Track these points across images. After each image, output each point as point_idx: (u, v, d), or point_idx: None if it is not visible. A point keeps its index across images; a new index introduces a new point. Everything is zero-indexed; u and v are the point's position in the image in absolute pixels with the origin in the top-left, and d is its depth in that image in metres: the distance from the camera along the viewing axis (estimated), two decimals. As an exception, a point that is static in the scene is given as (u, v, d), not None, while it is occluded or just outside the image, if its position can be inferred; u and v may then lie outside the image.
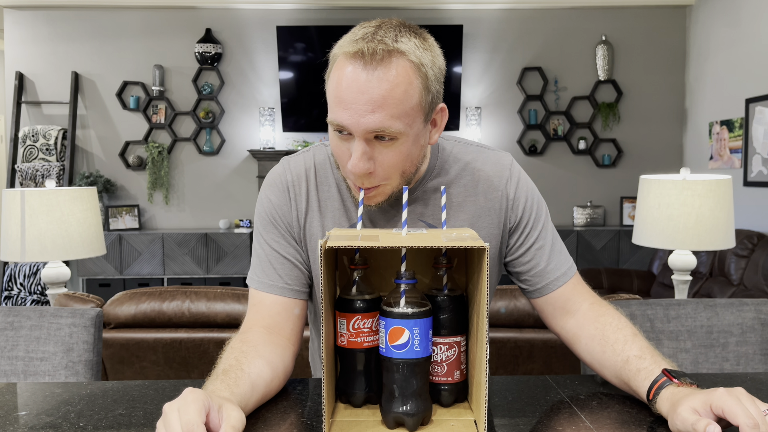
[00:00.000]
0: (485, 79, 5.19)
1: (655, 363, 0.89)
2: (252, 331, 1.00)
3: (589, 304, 1.07)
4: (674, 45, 5.17)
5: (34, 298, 4.76)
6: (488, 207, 1.08)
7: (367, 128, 0.90)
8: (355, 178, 0.95)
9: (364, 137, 0.91)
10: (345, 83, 0.89)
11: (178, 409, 0.70)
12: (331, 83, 0.93)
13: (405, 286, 0.81)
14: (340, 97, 0.90)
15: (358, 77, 0.88)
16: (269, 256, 1.06)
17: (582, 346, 1.04)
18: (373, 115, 0.89)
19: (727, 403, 0.73)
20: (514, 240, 1.10)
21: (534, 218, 1.09)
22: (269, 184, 1.09)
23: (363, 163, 0.92)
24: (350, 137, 0.93)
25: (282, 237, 1.07)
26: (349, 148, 0.94)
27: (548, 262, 1.08)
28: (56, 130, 5.01)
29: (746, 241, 3.76)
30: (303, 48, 5.02)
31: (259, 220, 1.09)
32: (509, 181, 1.09)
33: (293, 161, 1.10)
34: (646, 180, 2.33)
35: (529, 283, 1.10)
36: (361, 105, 0.89)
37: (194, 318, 2.05)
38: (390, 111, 0.89)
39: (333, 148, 0.98)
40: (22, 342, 1.28)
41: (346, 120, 0.90)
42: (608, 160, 5.21)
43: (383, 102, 0.88)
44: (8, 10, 5.04)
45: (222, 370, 0.87)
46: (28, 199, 2.23)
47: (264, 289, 1.05)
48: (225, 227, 5.13)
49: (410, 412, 0.81)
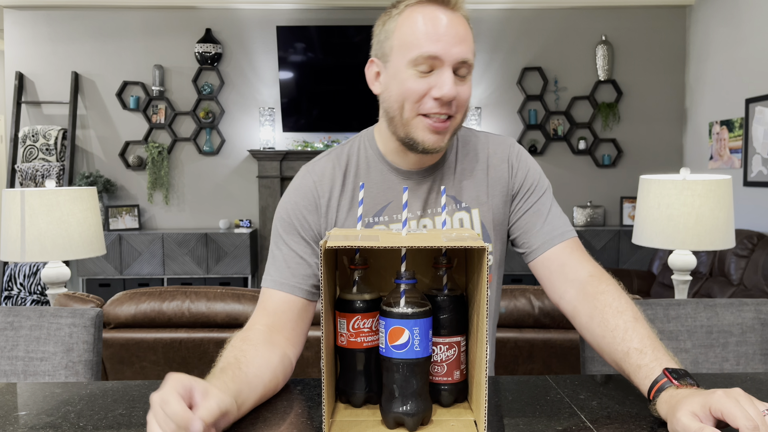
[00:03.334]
0: (485, 79, 5.19)
1: (657, 360, 0.88)
2: (254, 330, 1.01)
3: (588, 274, 1.06)
4: (674, 45, 5.17)
5: (34, 298, 4.76)
6: (497, 177, 1.17)
7: (458, 56, 1.01)
8: (441, 107, 1.03)
9: (453, 66, 1.02)
10: (432, 21, 1.01)
11: (160, 403, 0.72)
12: (409, 27, 1.03)
13: (405, 286, 0.81)
14: (428, 33, 1.01)
15: (443, 16, 1.02)
16: (285, 256, 1.10)
17: (581, 323, 1.03)
18: (461, 47, 1.02)
19: (726, 405, 0.73)
20: (514, 205, 1.18)
21: (536, 186, 1.17)
22: (293, 189, 1.15)
23: (454, 87, 1.02)
24: (431, 73, 1.02)
25: (301, 237, 1.11)
26: (429, 83, 1.02)
27: (544, 224, 1.14)
28: (56, 130, 5.01)
29: (746, 241, 3.76)
30: (303, 48, 5.02)
31: (280, 222, 1.13)
32: (511, 150, 1.19)
33: (313, 166, 1.17)
34: (646, 180, 2.33)
35: (526, 246, 1.15)
36: (451, 37, 1.01)
37: (194, 318, 2.05)
38: (468, 46, 1.03)
39: (408, 89, 1.03)
40: (22, 342, 1.28)
41: (439, 50, 1.00)
42: (608, 160, 5.21)
43: (465, 37, 1.03)
44: (8, 10, 5.04)
45: (220, 368, 0.87)
46: (28, 199, 2.22)
47: (273, 287, 1.07)
48: (225, 227, 5.13)
49: (410, 412, 0.81)
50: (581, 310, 1.03)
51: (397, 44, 1.05)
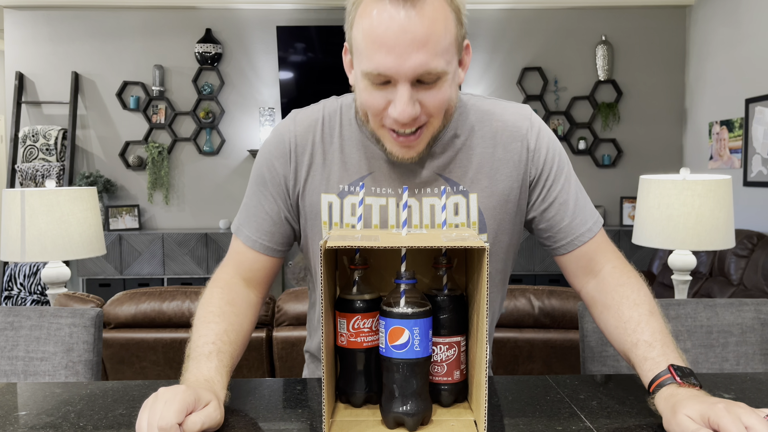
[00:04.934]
0: (485, 79, 5.19)
1: (664, 355, 0.88)
2: (234, 283, 1.05)
3: (611, 266, 1.04)
4: (674, 45, 5.17)
5: (34, 298, 4.76)
6: (507, 158, 1.02)
7: (415, 70, 0.84)
8: (399, 127, 0.90)
9: (409, 81, 0.85)
10: (383, 24, 0.82)
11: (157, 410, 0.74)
12: (361, 29, 0.86)
13: (405, 286, 0.81)
14: (378, 41, 0.83)
15: (397, 15, 0.82)
16: (257, 211, 1.07)
17: (597, 311, 1.03)
18: (418, 55, 0.83)
19: (724, 421, 0.72)
20: (536, 194, 1.04)
21: (556, 170, 1.04)
22: (274, 142, 1.06)
23: (411, 108, 0.86)
24: (388, 85, 0.87)
25: (272, 196, 1.06)
26: (386, 96, 0.88)
27: (573, 218, 1.04)
28: (56, 130, 5.01)
29: (746, 241, 3.76)
30: (303, 48, 5.02)
31: (255, 173, 1.08)
32: (530, 130, 1.02)
33: (301, 115, 1.06)
34: (646, 180, 2.33)
35: (552, 240, 1.06)
36: (405, 46, 0.82)
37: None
38: (433, 49, 0.83)
39: (365, 101, 0.91)
40: (22, 342, 1.28)
41: (390, 64, 0.84)
42: (608, 160, 5.21)
43: (426, 40, 0.82)
44: (8, 10, 5.04)
45: (217, 350, 0.91)
46: (28, 199, 2.23)
47: (246, 242, 1.07)
48: (225, 227, 5.13)
49: (410, 412, 0.81)
50: (598, 300, 1.03)
51: (354, 44, 0.91)
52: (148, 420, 0.73)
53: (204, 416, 0.77)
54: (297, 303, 2.12)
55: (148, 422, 0.73)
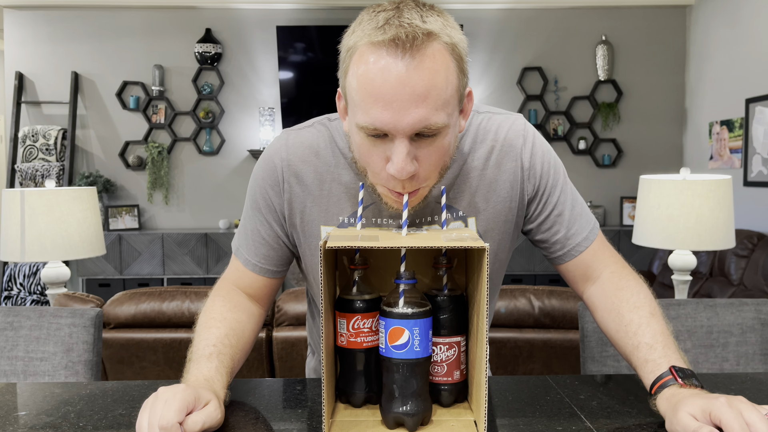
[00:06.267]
0: (485, 79, 5.19)
1: (665, 356, 0.88)
2: (236, 293, 1.07)
3: (609, 271, 1.05)
4: (674, 45, 5.17)
5: (34, 298, 4.76)
6: (502, 179, 1.00)
7: (414, 126, 0.80)
8: (396, 184, 0.86)
9: (407, 136, 0.81)
10: (380, 76, 0.78)
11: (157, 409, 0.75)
12: (356, 79, 0.82)
13: (405, 286, 0.81)
14: (375, 95, 0.79)
15: (396, 68, 0.78)
16: (254, 235, 1.06)
17: (598, 316, 1.04)
18: (418, 111, 0.79)
19: (726, 415, 0.72)
20: (532, 208, 1.04)
21: (552, 184, 1.03)
22: (266, 169, 1.02)
23: (408, 166, 0.82)
24: (385, 139, 0.83)
25: (267, 222, 1.04)
26: (385, 151, 0.84)
27: (568, 228, 1.04)
28: (56, 130, 5.01)
29: (746, 241, 3.76)
30: (303, 48, 5.02)
31: (250, 197, 1.06)
32: (524, 148, 1.01)
33: (292, 140, 1.02)
34: (646, 180, 2.33)
35: (549, 250, 1.07)
36: (404, 100, 0.78)
37: (194, 318, 2.04)
38: (434, 103, 0.80)
39: (362, 155, 0.88)
40: (21, 342, 1.28)
41: (387, 120, 0.80)
42: (608, 160, 5.21)
43: (427, 94, 0.79)
44: (8, 10, 5.04)
45: (218, 351, 0.92)
46: (28, 199, 2.22)
47: (246, 265, 1.08)
48: (225, 227, 5.13)
49: (410, 412, 0.81)
50: (599, 305, 1.03)
51: (348, 93, 0.86)
52: (149, 420, 0.73)
53: (204, 415, 0.77)
54: (297, 303, 2.12)
55: (148, 422, 0.73)
